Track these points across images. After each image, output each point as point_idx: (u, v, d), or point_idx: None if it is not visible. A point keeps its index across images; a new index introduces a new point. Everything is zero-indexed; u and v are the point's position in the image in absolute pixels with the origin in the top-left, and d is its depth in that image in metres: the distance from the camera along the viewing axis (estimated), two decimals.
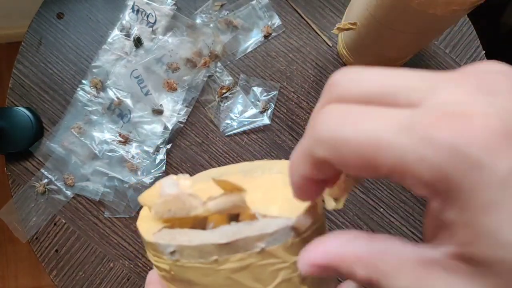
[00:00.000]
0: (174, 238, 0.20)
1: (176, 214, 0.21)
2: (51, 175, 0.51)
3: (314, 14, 0.54)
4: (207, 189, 0.21)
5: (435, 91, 0.13)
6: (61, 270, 0.50)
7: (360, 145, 0.13)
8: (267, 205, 0.21)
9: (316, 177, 0.16)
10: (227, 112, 0.52)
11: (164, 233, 0.21)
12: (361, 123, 0.14)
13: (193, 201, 0.20)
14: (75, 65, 0.53)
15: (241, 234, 0.19)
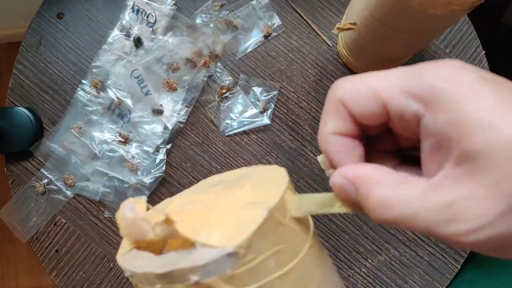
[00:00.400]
0: (132, 263, 0.21)
1: (136, 238, 0.21)
2: (51, 175, 0.51)
3: (314, 14, 0.54)
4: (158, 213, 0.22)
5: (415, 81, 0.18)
6: (61, 270, 0.50)
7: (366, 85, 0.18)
8: (213, 231, 0.20)
9: (340, 128, 0.19)
10: (227, 112, 0.52)
11: (130, 255, 0.22)
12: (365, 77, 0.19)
13: (146, 226, 0.20)
14: (75, 65, 0.53)
15: (176, 265, 0.19)
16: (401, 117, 0.18)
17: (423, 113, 0.16)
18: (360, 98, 0.18)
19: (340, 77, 0.53)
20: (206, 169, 0.52)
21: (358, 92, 0.18)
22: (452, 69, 0.16)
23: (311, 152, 0.52)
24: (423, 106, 0.16)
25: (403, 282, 0.51)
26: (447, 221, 0.15)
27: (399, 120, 0.18)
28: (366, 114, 0.18)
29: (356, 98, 0.18)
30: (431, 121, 0.16)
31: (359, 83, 0.19)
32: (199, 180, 0.51)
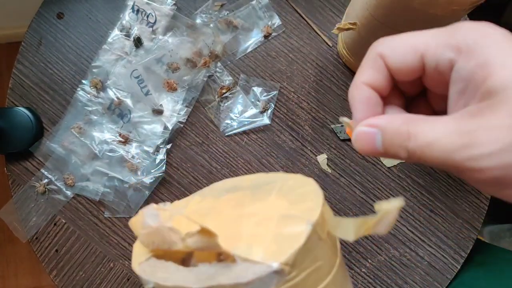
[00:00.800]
0: (154, 273, 0.19)
1: (160, 247, 0.20)
2: (51, 175, 0.51)
3: (314, 14, 0.54)
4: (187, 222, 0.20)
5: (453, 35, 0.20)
6: (61, 270, 0.50)
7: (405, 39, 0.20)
8: (252, 245, 0.19)
9: (374, 81, 0.21)
10: (227, 112, 0.52)
11: (149, 264, 0.20)
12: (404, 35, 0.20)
13: (173, 236, 0.19)
14: (75, 65, 0.53)
15: (215, 281, 0.17)
16: (436, 66, 0.19)
17: (456, 60, 0.18)
18: (399, 51, 0.20)
19: (340, 77, 0.53)
20: (206, 169, 0.52)
21: (398, 46, 0.20)
22: (485, 27, 0.18)
23: (311, 152, 0.52)
24: (456, 53, 0.18)
25: (403, 282, 0.51)
26: (463, 146, 0.16)
27: (433, 71, 0.19)
28: (403, 66, 0.20)
29: (395, 51, 0.20)
30: (462, 66, 0.18)
31: (398, 39, 0.20)
32: (199, 180, 0.51)
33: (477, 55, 0.17)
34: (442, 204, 0.52)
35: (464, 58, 0.18)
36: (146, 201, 0.50)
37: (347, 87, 0.53)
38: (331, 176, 0.52)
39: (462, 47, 0.18)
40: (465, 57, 0.18)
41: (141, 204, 0.50)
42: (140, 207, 0.51)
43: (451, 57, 0.18)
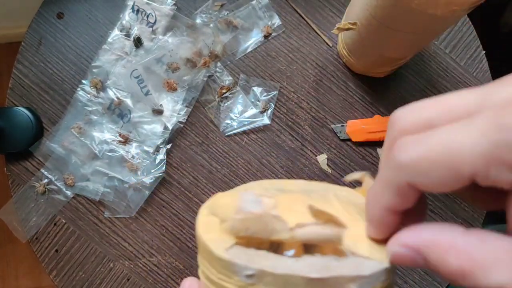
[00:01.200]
0: (253, 260, 0.18)
1: (255, 235, 0.18)
2: (51, 175, 0.51)
3: (314, 14, 0.54)
4: (290, 211, 0.19)
5: (490, 95, 0.14)
6: (61, 270, 0.50)
7: (441, 155, 0.14)
8: (356, 242, 0.18)
9: (399, 206, 0.17)
10: (227, 112, 0.52)
11: (238, 251, 0.18)
12: (436, 139, 0.15)
13: (277, 225, 0.18)
14: (75, 65, 0.53)
15: (334, 272, 0.17)
16: (492, 184, 0.14)
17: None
18: (435, 177, 0.15)
19: (340, 77, 0.53)
20: (206, 169, 0.52)
21: (431, 170, 0.15)
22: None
23: (311, 152, 0.52)
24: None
25: (403, 282, 0.51)
26: None
27: (487, 184, 0.14)
28: (444, 189, 0.15)
29: (430, 178, 0.15)
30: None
31: (429, 157, 0.15)
32: (199, 180, 0.51)
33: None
34: (442, 204, 0.52)
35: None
36: (146, 201, 0.51)
37: (347, 87, 0.53)
38: (331, 176, 0.52)
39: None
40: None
41: (141, 204, 0.50)
42: (140, 207, 0.51)
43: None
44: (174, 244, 0.51)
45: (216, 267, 0.18)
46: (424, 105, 0.16)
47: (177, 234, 0.51)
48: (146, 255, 0.51)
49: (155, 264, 0.51)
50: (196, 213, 0.51)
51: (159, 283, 0.50)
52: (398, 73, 0.53)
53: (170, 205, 0.51)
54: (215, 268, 0.19)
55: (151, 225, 0.51)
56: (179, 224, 0.51)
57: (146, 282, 0.50)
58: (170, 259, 0.51)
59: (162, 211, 0.51)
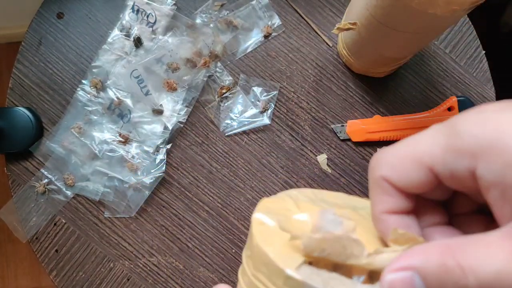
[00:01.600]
0: (328, 284, 0.17)
1: (330, 256, 0.17)
2: (51, 175, 0.51)
3: (314, 14, 0.54)
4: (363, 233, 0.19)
5: None
6: (61, 270, 0.50)
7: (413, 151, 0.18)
8: None
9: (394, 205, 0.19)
10: (227, 112, 0.52)
11: (310, 272, 0.17)
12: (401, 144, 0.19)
13: (356, 249, 0.17)
14: (75, 65, 0.53)
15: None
16: (452, 176, 0.16)
17: (475, 165, 0.15)
18: (401, 170, 0.17)
19: (340, 77, 0.53)
20: (206, 169, 0.52)
21: (398, 164, 0.17)
22: (487, 114, 0.16)
23: (311, 152, 0.52)
24: (471, 159, 0.15)
25: None
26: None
27: (451, 180, 0.17)
28: (414, 183, 0.17)
29: (398, 171, 0.17)
30: (486, 171, 0.15)
31: (396, 153, 0.18)
32: (199, 180, 0.51)
33: (498, 153, 0.15)
34: None
35: (484, 162, 0.15)
36: (146, 201, 0.51)
37: (347, 87, 0.53)
38: (331, 176, 0.52)
39: (474, 149, 0.15)
40: (484, 160, 0.15)
41: (141, 204, 0.50)
42: (140, 207, 0.51)
43: (466, 165, 0.16)
44: (174, 244, 0.51)
45: (279, 284, 0.17)
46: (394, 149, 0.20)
47: (177, 234, 0.51)
48: (146, 255, 0.51)
49: (155, 264, 0.51)
50: (196, 213, 0.51)
51: (159, 283, 0.50)
52: (398, 73, 0.53)
53: (170, 205, 0.51)
54: (277, 286, 0.18)
55: (151, 225, 0.51)
56: (179, 224, 0.51)
57: (146, 282, 0.50)
58: (170, 259, 0.51)
59: (162, 211, 0.51)
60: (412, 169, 0.17)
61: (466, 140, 0.15)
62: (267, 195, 0.51)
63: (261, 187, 0.51)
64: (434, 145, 0.17)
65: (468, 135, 0.15)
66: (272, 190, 0.51)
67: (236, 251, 0.51)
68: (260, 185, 0.51)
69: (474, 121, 0.16)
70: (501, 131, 0.15)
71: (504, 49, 1.05)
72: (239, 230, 0.51)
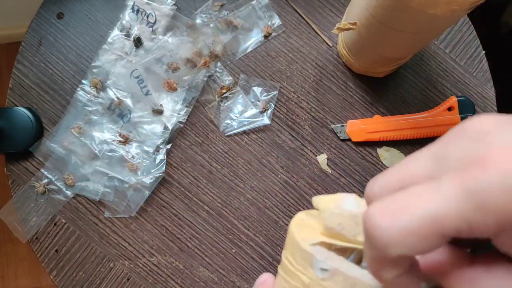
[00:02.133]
0: (331, 259, 0.20)
1: (343, 231, 0.20)
2: (51, 175, 0.51)
3: (314, 14, 0.54)
4: None
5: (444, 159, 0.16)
6: (61, 270, 0.50)
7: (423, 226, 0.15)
8: None
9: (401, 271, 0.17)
10: (227, 112, 0.52)
11: (321, 250, 0.21)
12: (411, 210, 0.15)
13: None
14: (75, 65, 0.53)
15: None
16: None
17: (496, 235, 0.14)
18: (424, 244, 0.15)
19: (340, 77, 0.53)
20: (206, 169, 0.52)
21: (418, 239, 0.15)
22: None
23: (311, 152, 0.52)
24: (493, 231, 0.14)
25: None
26: None
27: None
28: (425, 251, 0.15)
29: (418, 247, 0.15)
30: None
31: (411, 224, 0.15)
32: (199, 180, 0.51)
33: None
34: None
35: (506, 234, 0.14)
36: (146, 201, 0.51)
37: (347, 87, 0.53)
38: (331, 176, 0.52)
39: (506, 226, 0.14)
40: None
41: (141, 204, 0.50)
42: (140, 207, 0.51)
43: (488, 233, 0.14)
44: (174, 244, 0.51)
45: (297, 259, 0.21)
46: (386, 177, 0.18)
47: (177, 234, 0.51)
48: (146, 255, 0.51)
49: (155, 264, 0.51)
50: (196, 213, 0.51)
51: (159, 283, 0.50)
52: (398, 73, 0.53)
53: (170, 205, 0.51)
54: (296, 260, 0.21)
55: (151, 225, 0.51)
56: (179, 224, 0.51)
57: (146, 282, 0.50)
58: (170, 259, 0.51)
59: (162, 211, 0.51)
60: (433, 243, 0.15)
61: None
62: (267, 195, 0.51)
63: (261, 187, 0.51)
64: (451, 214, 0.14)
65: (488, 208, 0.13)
66: (272, 190, 0.51)
67: (236, 251, 0.51)
68: (260, 185, 0.51)
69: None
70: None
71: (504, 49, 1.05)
72: (239, 230, 0.51)
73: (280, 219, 0.51)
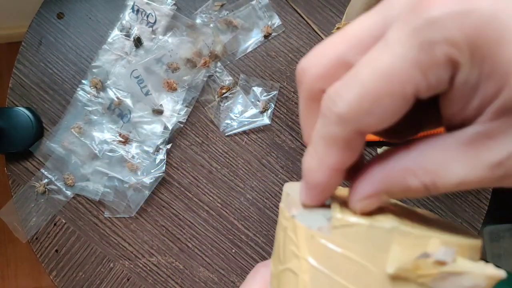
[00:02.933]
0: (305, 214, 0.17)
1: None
2: (51, 175, 0.51)
3: (314, 14, 0.54)
4: None
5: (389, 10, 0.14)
6: (61, 270, 0.50)
7: (378, 85, 0.13)
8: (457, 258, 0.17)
9: (349, 161, 0.15)
10: (227, 112, 0.52)
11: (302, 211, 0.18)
12: (364, 72, 0.13)
13: None
14: (75, 65, 0.53)
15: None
16: (430, 94, 0.14)
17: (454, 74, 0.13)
18: (379, 109, 0.13)
19: None
20: (206, 169, 0.52)
21: (373, 103, 0.13)
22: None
23: None
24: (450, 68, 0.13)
25: None
26: (501, 179, 0.13)
27: (426, 96, 0.14)
28: (387, 119, 0.14)
29: (373, 112, 0.13)
30: (463, 79, 0.13)
31: (364, 88, 0.13)
32: (199, 180, 0.51)
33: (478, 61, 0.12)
34: (442, 204, 0.52)
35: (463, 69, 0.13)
36: (146, 201, 0.51)
37: None
38: None
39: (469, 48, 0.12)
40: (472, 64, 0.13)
41: (141, 204, 0.50)
42: (140, 207, 0.51)
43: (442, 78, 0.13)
44: (174, 244, 0.51)
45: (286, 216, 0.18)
46: (329, 46, 0.15)
47: (177, 234, 0.51)
48: (146, 255, 0.51)
49: (155, 264, 0.51)
50: (196, 213, 0.51)
51: (159, 283, 0.50)
52: None
53: (170, 205, 0.51)
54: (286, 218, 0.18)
55: (151, 225, 0.51)
56: (179, 224, 0.51)
57: (146, 282, 0.50)
58: (170, 259, 0.51)
59: (162, 211, 0.51)
60: (393, 104, 0.13)
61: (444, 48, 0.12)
62: (267, 195, 0.51)
63: (261, 187, 0.51)
64: (408, 64, 0.13)
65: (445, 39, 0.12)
66: (272, 190, 0.51)
67: (236, 251, 0.51)
68: (260, 185, 0.51)
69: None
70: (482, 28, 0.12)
71: None
72: (239, 230, 0.51)
73: None
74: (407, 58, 0.13)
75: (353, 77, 0.14)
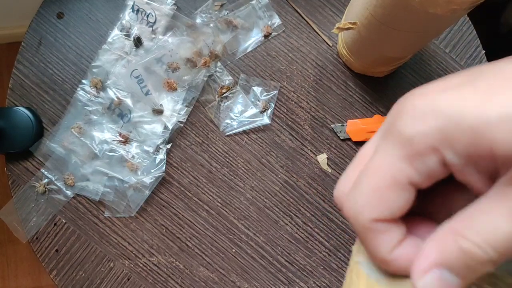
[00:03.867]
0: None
1: None
2: (51, 175, 0.51)
3: (314, 14, 0.54)
4: None
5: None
6: (61, 270, 0.50)
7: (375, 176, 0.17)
8: None
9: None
10: (227, 112, 0.52)
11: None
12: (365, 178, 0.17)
13: None
14: (75, 65, 0.53)
15: None
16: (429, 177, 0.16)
17: (443, 156, 0.15)
18: (386, 201, 0.16)
19: (340, 76, 0.53)
20: (206, 169, 0.52)
21: (378, 198, 0.16)
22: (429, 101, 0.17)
23: (311, 151, 0.52)
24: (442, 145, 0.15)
25: None
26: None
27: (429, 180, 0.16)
28: (401, 207, 0.16)
29: (382, 205, 0.16)
30: (451, 157, 0.15)
31: (366, 190, 0.16)
32: (199, 179, 0.51)
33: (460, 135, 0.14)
34: None
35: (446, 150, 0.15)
36: (146, 201, 0.51)
37: (347, 86, 0.53)
38: (331, 176, 0.52)
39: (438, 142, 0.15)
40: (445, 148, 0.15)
41: (141, 204, 0.50)
42: (140, 207, 0.51)
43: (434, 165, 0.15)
44: (174, 243, 0.51)
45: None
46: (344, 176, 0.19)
47: (177, 233, 0.51)
48: (146, 254, 0.51)
49: (155, 263, 0.51)
50: (196, 212, 0.51)
51: (159, 282, 0.50)
52: (397, 72, 0.53)
53: (170, 204, 0.51)
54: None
55: (151, 224, 0.51)
56: (179, 223, 0.51)
57: (146, 282, 0.50)
58: (170, 259, 0.51)
59: (162, 211, 0.51)
60: (395, 195, 0.16)
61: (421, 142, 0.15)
62: (267, 195, 0.51)
63: (261, 186, 0.51)
64: (396, 161, 0.16)
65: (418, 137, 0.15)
66: (272, 190, 0.51)
67: (236, 251, 0.51)
68: (260, 185, 0.51)
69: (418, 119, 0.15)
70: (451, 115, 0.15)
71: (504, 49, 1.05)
72: (239, 230, 0.51)
73: (280, 218, 0.51)
74: (392, 154, 0.16)
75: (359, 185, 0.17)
